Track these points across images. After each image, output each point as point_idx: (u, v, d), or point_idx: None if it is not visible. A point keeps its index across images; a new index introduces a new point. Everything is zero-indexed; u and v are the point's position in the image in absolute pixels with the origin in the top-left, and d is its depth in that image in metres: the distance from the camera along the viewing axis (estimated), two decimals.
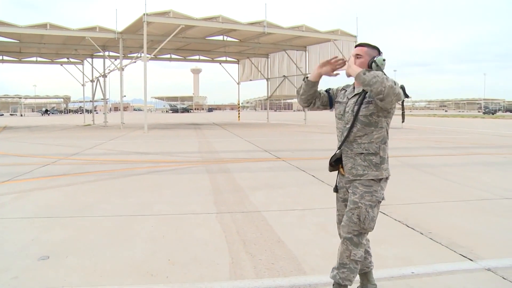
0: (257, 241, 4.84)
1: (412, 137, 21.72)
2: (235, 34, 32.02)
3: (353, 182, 3.26)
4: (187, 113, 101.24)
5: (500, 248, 4.70)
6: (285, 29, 29.73)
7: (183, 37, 30.12)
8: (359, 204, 3.20)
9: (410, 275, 3.91)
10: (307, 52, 36.64)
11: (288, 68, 39.95)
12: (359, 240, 3.23)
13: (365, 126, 3.21)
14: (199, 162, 11.55)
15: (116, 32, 28.39)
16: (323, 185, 8.19)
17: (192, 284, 3.68)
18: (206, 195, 7.32)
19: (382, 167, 3.24)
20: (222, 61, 44.90)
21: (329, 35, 31.38)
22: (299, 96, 3.46)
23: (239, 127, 31.63)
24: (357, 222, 3.20)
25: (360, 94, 3.25)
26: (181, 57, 42.71)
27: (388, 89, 2.96)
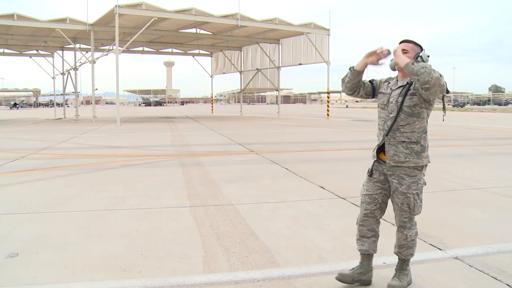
0: (231, 234, 4.84)
1: None
2: (208, 27, 31.85)
3: (397, 171, 3.46)
4: (160, 106, 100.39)
5: (468, 237, 4.81)
6: (258, 22, 29.69)
7: (155, 29, 29.83)
8: (407, 194, 3.43)
9: (382, 266, 3.96)
10: (280, 45, 36.69)
11: (261, 61, 39.94)
12: (411, 224, 3.54)
13: (408, 116, 3.39)
14: (172, 156, 11.47)
15: (87, 24, 27.89)
16: (296, 178, 8.23)
17: (165, 279, 3.66)
18: (179, 188, 7.28)
19: (423, 155, 3.44)
20: (195, 54, 44.61)
21: (302, 28, 31.45)
22: (344, 84, 3.64)
23: (212, 120, 31.53)
24: (407, 210, 3.47)
25: (405, 86, 3.43)
26: (153, 50, 42.29)
27: (434, 79, 3.13)
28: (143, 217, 5.57)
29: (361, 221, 3.63)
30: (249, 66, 41.77)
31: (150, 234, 4.89)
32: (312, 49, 32.98)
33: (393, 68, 3.52)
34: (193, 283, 3.58)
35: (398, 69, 3.47)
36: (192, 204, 6.19)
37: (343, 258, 4.14)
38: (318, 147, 13.84)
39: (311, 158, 11.17)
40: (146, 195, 6.78)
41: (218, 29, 32.43)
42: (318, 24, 31.70)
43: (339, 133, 19.67)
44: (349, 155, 11.72)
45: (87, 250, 4.35)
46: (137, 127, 23.87)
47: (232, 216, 5.55)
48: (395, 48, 3.40)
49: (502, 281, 3.64)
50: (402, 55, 3.33)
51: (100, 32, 29.54)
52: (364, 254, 3.63)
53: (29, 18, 27.52)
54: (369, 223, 3.60)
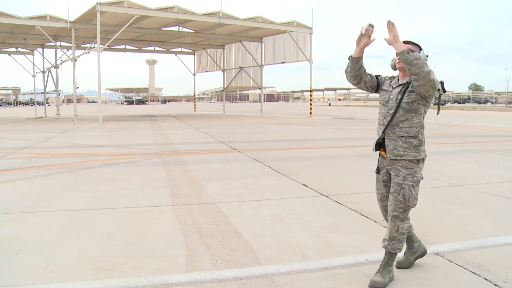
0: (214, 232, 4.83)
1: (366, 127, 22.14)
2: (190, 25, 31.71)
3: (395, 164, 3.65)
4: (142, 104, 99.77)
5: (448, 233, 4.87)
6: (241, 20, 29.64)
7: (138, 27, 29.61)
8: (403, 185, 3.60)
9: (364, 263, 4.00)
10: (263, 44, 36.70)
11: (244, 59, 39.91)
12: (404, 216, 3.65)
13: (407, 112, 3.59)
14: (155, 154, 11.41)
15: (68, 22, 27.51)
16: (279, 176, 8.25)
17: (148, 278, 3.64)
18: (162, 187, 7.25)
19: (420, 149, 3.63)
20: (177, 52, 44.40)
21: (285, 26, 31.48)
22: (347, 74, 3.80)
23: (195, 118, 31.43)
24: (403, 200, 3.61)
25: (404, 84, 3.64)
26: (136, 48, 42.00)
27: (424, 73, 3.34)
28: (125, 216, 5.53)
29: (385, 217, 3.93)
30: (232, 64, 41.71)
31: (132, 233, 4.86)
32: (295, 48, 33.05)
33: (394, 67, 3.74)
34: (176, 282, 3.57)
35: (397, 66, 3.67)
36: (174, 203, 6.17)
37: (326, 256, 4.16)
38: (301, 145, 13.88)
39: (294, 156, 11.20)
40: (129, 194, 6.74)
41: (201, 27, 32.31)
42: (301, 23, 31.77)
43: (321, 131, 19.75)
44: (332, 153, 11.78)
45: (68, 250, 4.31)
46: (119, 126, 23.69)
47: (215, 215, 5.55)
48: (389, 22, 3.45)
49: (480, 276, 3.71)
50: (399, 39, 3.44)
51: (81, 29, 29.23)
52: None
53: (7, 14, 27.04)
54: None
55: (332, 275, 3.71)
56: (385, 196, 3.83)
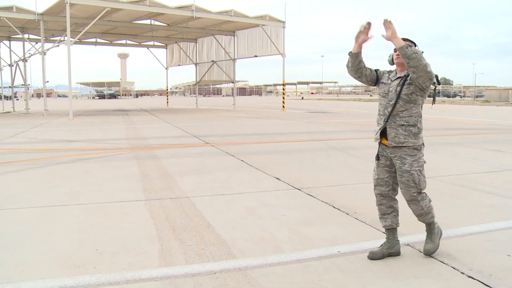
0: (186, 227, 4.82)
1: (338, 121, 22.35)
2: (163, 18, 31.39)
3: (398, 152, 3.90)
4: (114, 99, 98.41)
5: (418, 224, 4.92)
6: (213, 13, 29.47)
7: (109, 20, 29.14)
8: (411, 171, 3.87)
9: (336, 254, 4.04)
10: (236, 37, 36.59)
11: (216, 53, 39.74)
12: (421, 196, 3.96)
13: (406, 103, 3.86)
14: (127, 149, 11.29)
15: (36, 14, 26.84)
16: (252, 170, 8.26)
17: (121, 273, 3.61)
18: (134, 182, 7.18)
19: (419, 136, 3.91)
20: (149, 46, 43.94)
21: (258, 20, 31.45)
22: (348, 68, 4.04)
23: (167, 112, 31.20)
24: (414, 185, 3.89)
25: (403, 77, 3.89)
26: (107, 41, 41.40)
27: (422, 66, 3.61)
28: (97, 212, 5.47)
29: (379, 202, 4.14)
30: (204, 58, 41.49)
31: (104, 229, 4.81)
32: (267, 41, 33.04)
33: (391, 62, 3.99)
34: (149, 277, 3.55)
35: (395, 61, 3.91)
36: (147, 198, 6.13)
37: (299, 248, 4.19)
38: (273, 138, 13.92)
39: (266, 149, 11.23)
40: (100, 190, 6.66)
41: (173, 21, 32.02)
42: (274, 17, 31.77)
43: (294, 125, 19.84)
44: (305, 147, 11.85)
45: (38, 248, 4.24)
46: (90, 121, 23.35)
47: (188, 209, 5.53)
48: (385, 20, 3.66)
49: (448, 265, 3.80)
50: (397, 35, 3.66)
51: (50, 22, 28.62)
52: (389, 229, 4.08)
53: None
54: (386, 201, 4.10)
55: (305, 267, 3.74)
56: (385, 182, 4.06)
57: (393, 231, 4.08)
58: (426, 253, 3.97)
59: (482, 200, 6.06)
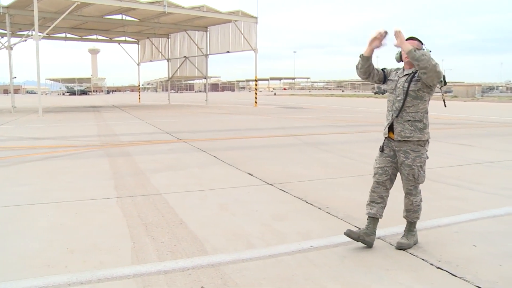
0: (159, 223, 4.79)
1: (311, 116, 22.49)
2: (134, 13, 31.05)
3: (403, 146, 4.07)
4: (85, 95, 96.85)
5: (390, 218, 5.01)
6: (185, 9, 29.27)
7: (79, 15, 28.71)
8: (412, 166, 4.06)
9: (309, 249, 4.07)
10: (208, 33, 36.43)
11: (189, 48, 39.51)
12: (416, 191, 4.19)
13: (413, 99, 4.01)
14: (99, 146, 11.15)
15: (1, 7, 26.22)
16: (225, 165, 8.26)
17: (92, 272, 3.56)
18: (106, 179, 7.10)
19: (425, 131, 4.06)
20: (121, 41, 43.46)
21: (230, 16, 31.37)
22: (358, 69, 4.20)
23: (139, 109, 30.90)
24: (413, 179, 4.10)
25: (410, 74, 4.05)
26: (77, 37, 40.75)
27: (431, 66, 3.77)
28: (68, 210, 5.39)
29: (373, 188, 4.26)
30: (176, 53, 41.21)
31: (75, 227, 4.74)
32: (240, 37, 32.99)
33: (399, 59, 4.15)
34: (122, 275, 3.52)
35: (404, 60, 4.08)
36: (119, 195, 6.07)
37: (272, 243, 4.21)
38: (246, 134, 13.93)
39: (239, 145, 11.24)
40: (71, 188, 6.57)
41: (145, 16, 31.71)
42: (246, 12, 31.74)
43: (267, 121, 19.88)
44: (277, 142, 11.90)
45: (7, 248, 4.15)
46: (61, 117, 22.94)
47: (160, 206, 5.50)
48: (396, 31, 3.90)
49: (418, 257, 3.90)
50: (405, 41, 3.88)
51: (17, 16, 27.98)
52: (371, 217, 4.19)
53: None
54: (379, 190, 4.23)
55: (278, 262, 3.77)
56: (385, 171, 4.21)
57: (374, 221, 4.20)
58: (398, 247, 4.08)
59: (450, 193, 6.20)
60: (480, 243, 4.25)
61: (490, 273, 3.56)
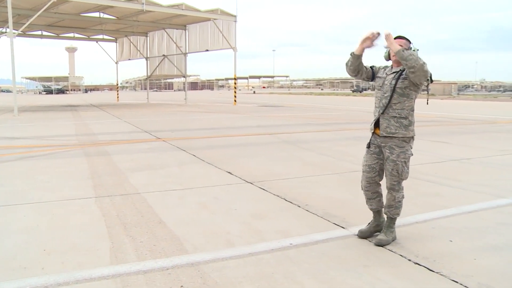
0: (138, 223, 4.76)
1: (290, 114, 22.56)
2: (112, 11, 30.75)
3: (389, 142, 4.19)
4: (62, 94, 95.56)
5: (368, 214, 5.06)
6: (164, 7, 29.08)
7: (55, 12, 28.26)
8: (396, 162, 4.16)
9: (288, 247, 4.09)
10: (187, 31, 36.27)
11: (168, 47, 39.30)
12: (399, 187, 4.25)
13: (400, 96, 4.13)
14: (76, 146, 11.02)
15: None
16: (204, 164, 8.24)
17: (70, 273, 3.52)
18: (84, 179, 7.02)
19: (410, 128, 4.17)
20: (99, 40, 43.01)
21: (209, 14, 31.27)
22: (348, 67, 4.32)
23: (118, 108, 30.61)
24: (397, 175, 4.18)
25: (398, 72, 4.16)
26: (54, 34, 40.23)
27: (419, 65, 3.88)
28: (45, 211, 5.31)
29: (365, 187, 4.40)
30: (155, 52, 40.93)
31: (52, 228, 4.68)
32: (219, 35, 32.92)
33: (387, 58, 4.24)
34: (100, 276, 3.49)
35: (392, 59, 4.19)
36: (97, 195, 6.01)
37: (252, 242, 4.22)
38: (225, 133, 13.91)
39: (218, 144, 11.22)
40: (48, 188, 6.48)
41: (123, 14, 31.41)
42: (225, 11, 31.66)
43: (246, 119, 19.88)
44: (256, 140, 11.91)
45: None
46: (37, 117, 22.60)
47: (139, 205, 5.46)
48: (387, 33, 4.03)
49: (396, 253, 3.95)
50: (394, 42, 4.00)
51: None
52: (375, 211, 4.40)
53: None
54: (372, 187, 4.36)
55: (257, 260, 3.77)
56: (371, 168, 4.33)
57: (378, 212, 4.41)
58: (377, 243, 4.14)
59: (427, 190, 6.28)
60: (456, 238, 4.33)
61: (465, 267, 3.63)
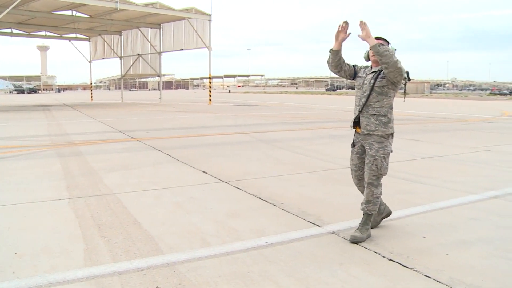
0: (113, 224, 4.72)
1: (265, 113, 22.60)
2: (85, 9, 30.31)
3: (369, 139, 4.31)
4: (34, 93, 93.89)
5: (343, 212, 5.14)
6: (138, 5, 28.82)
7: (25, 9, 27.70)
8: (376, 157, 4.28)
9: (264, 245, 4.10)
10: (162, 30, 36.02)
11: (142, 46, 38.94)
12: (377, 183, 4.34)
13: (378, 95, 4.26)
14: (49, 146, 10.85)
15: None
16: (179, 164, 8.20)
17: (43, 277, 3.46)
18: (57, 180, 6.92)
19: (389, 125, 4.31)
20: (72, 38, 42.37)
21: (184, 13, 31.10)
22: (329, 64, 4.43)
23: (92, 107, 30.21)
24: (376, 170, 4.29)
25: (376, 72, 4.29)
26: (24, 33, 39.40)
27: (393, 62, 4.02)
28: (16, 213, 5.21)
29: (357, 185, 4.60)
30: (129, 51, 40.50)
31: (24, 230, 4.59)
32: (193, 34, 32.77)
33: (367, 59, 4.40)
34: (74, 278, 3.43)
35: (371, 59, 4.32)
36: (71, 196, 5.93)
37: (227, 241, 4.22)
38: (200, 132, 13.87)
39: (193, 143, 11.18)
40: (20, 189, 6.35)
41: (96, 12, 30.99)
42: (200, 9, 31.54)
43: (221, 118, 19.85)
44: (231, 140, 11.90)
45: None
46: (8, 117, 22.15)
47: (114, 206, 5.41)
48: (361, 22, 4.10)
49: (371, 250, 4.00)
50: (371, 35, 4.11)
51: None
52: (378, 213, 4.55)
53: None
54: (362, 183, 4.49)
55: (233, 259, 3.77)
56: (358, 167, 4.49)
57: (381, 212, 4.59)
58: (352, 240, 4.17)
59: (401, 187, 6.37)
60: (429, 234, 4.40)
61: (438, 262, 3.70)
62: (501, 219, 4.96)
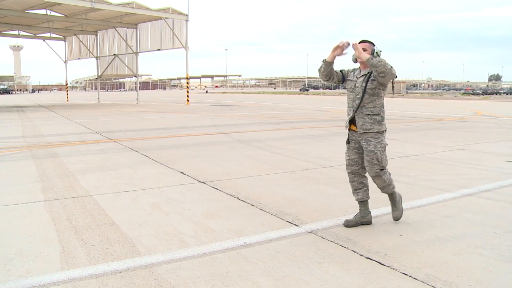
0: (89, 226, 4.66)
1: (243, 113, 22.60)
2: (60, 9, 29.93)
3: (365, 136, 4.56)
4: (8, 94, 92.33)
5: (320, 211, 5.17)
6: (114, 5, 28.60)
7: None
8: (375, 151, 4.53)
9: (242, 246, 4.10)
10: (138, 30, 35.76)
11: (118, 46, 38.63)
12: (384, 172, 4.61)
13: (371, 96, 4.53)
14: (24, 148, 10.68)
15: None
16: (156, 165, 8.15)
17: (17, 281, 3.39)
18: (31, 182, 6.81)
19: (382, 123, 4.58)
20: (46, 38, 41.82)
21: (160, 13, 30.95)
22: (321, 73, 4.68)
23: (68, 108, 29.83)
24: (377, 163, 4.54)
25: (367, 74, 4.54)
26: None
27: (388, 70, 4.29)
28: None
29: (351, 179, 4.80)
30: (106, 51, 40.15)
31: None
32: (170, 34, 32.63)
33: (355, 61, 4.61)
34: (50, 282, 3.38)
35: (360, 62, 4.56)
36: (46, 198, 5.84)
37: (205, 242, 4.21)
38: (178, 133, 13.81)
39: (171, 144, 11.12)
40: None
41: (72, 11, 30.61)
42: (177, 9, 31.43)
43: (199, 118, 19.79)
44: (209, 140, 11.87)
45: None
46: None
47: (90, 208, 5.35)
48: (354, 43, 4.41)
49: (349, 248, 4.03)
50: (363, 52, 4.38)
51: None
52: (361, 201, 4.73)
53: None
54: (357, 178, 4.75)
55: (212, 260, 3.77)
56: (354, 161, 4.73)
57: (364, 203, 4.73)
58: (395, 219, 4.74)
59: None
60: (406, 232, 4.46)
61: (414, 260, 3.75)
62: (474, 216, 5.06)
